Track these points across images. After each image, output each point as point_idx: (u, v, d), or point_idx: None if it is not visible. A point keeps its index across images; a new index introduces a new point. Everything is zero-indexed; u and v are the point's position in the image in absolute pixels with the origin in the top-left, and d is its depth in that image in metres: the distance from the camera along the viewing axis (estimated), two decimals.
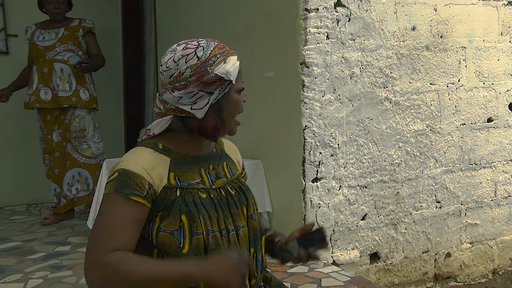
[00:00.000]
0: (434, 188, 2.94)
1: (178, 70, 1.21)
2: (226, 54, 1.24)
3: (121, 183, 1.15)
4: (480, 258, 3.14)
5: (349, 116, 2.65)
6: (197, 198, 1.21)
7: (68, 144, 3.63)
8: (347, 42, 2.62)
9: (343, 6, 2.61)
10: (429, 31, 2.88)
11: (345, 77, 2.63)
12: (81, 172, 3.63)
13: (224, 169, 1.34)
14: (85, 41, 3.75)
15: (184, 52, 1.22)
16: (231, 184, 1.32)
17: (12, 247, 3.03)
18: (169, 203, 1.18)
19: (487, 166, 3.12)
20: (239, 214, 1.27)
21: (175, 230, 1.16)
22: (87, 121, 3.67)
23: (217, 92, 1.22)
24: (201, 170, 1.27)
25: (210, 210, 1.21)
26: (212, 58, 1.22)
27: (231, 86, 1.24)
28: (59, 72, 3.60)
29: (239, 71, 1.26)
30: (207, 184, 1.26)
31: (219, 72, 1.21)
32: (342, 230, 2.65)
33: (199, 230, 1.18)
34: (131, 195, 1.14)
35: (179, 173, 1.23)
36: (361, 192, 2.71)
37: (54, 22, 3.71)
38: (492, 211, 3.16)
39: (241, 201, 1.30)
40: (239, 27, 3.05)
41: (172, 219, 1.17)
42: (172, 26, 3.94)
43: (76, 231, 3.39)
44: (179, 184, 1.21)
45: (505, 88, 3.17)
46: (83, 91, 3.65)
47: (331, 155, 2.61)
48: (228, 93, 1.24)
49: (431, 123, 2.91)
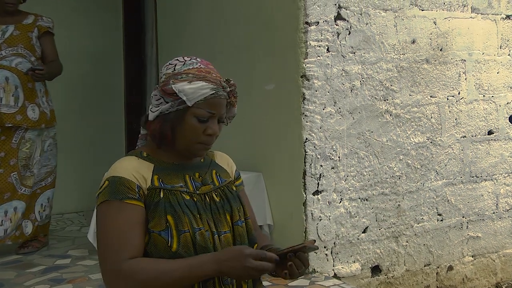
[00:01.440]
0: (435, 201, 2.93)
1: (161, 74, 1.34)
2: (198, 77, 1.26)
3: (113, 189, 1.21)
4: (483, 272, 3.12)
5: (350, 128, 2.65)
6: (180, 199, 1.25)
7: (14, 174, 2.95)
8: (347, 55, 2.64)
9: (343, 19, 2.62)
10: (429, 44, 2.90)
11: (345, 90, 2.63)
12: (17, 206, 2.96)
13: (213, 176, 1.37)
14: (40, 44, 3.05)
15: (172, 62, 1.33)
16: (217, 191, 1.34)
17: (12, 260, 3.01)
18: (153, 204, 1.23)
19: (488, 179, 3.12)
20: (222, 221, 1.30)
21: (162, 230, 1.21)
22: (36, 144, 3.03)
23: (169, 104, 1.27)
24: (186, 176, 1.31)
25: (193, 210, 1.25)
26: (182, 74, 1.27)
27: (187, 108, 1.26)
28: (2, 82, 2.88)
29: (206, 99, 1.25)
30: (190, 188, 1.29)
31: (175, 87, 1.25)
32: (343, 243, 2.64)
33: (186, 228, 1.22)
34: (126, 198, 1.21)
35: (162, 176, 1.28)
36: (362, 204, 2.70)
37: (2, 15, 2.99)
38: (494, 224, 3.15)
39: (225, 208, 1.32)
40: (239, 40, 3.07)
41: (158, 220, 1.21)
42: (173, 39, 3.97)
43: (76, 243, 3.38)
44: (163, 185, 1.26)
45: (505, 100, 3.17)
46: (32, 108, 2.96)
47: (332, 168, 2.61)
48: (182, 113, 1.26)
49: (432, 136, 2.91)
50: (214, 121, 1.29)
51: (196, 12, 3.59)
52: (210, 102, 1.27)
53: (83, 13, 4.65)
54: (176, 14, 3.94)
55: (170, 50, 3.99)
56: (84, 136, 4.67)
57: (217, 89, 1.27)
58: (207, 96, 1.26)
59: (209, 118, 1.28)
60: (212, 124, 1.28)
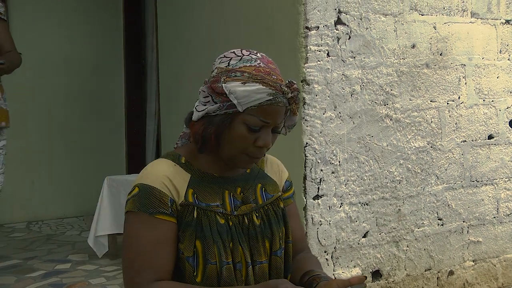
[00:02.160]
0: (436, 205, 2.93)
1: (213, 67, 1.16)
2: (254, 78, 1.08)
3: (143, 201, 1.07)
4: (484, 276, 3.11)
5: (350, 133, 2.65)
6: (213, 223, 1.09)
7: None
8: (347, 60, 2.64)
9: (343, 24, 2.63)
10: (428, 49, 2.90)
11: (345, 94, 2.64)
12: None
13: (257, 192, 1.19)
14: None
15: (226, 54, 1.15)
16: (259, 211, 1.16)
17: (12, 265, 3.01)
18: (185, 223, 1.09)
19: (488, 183, 3.12)
20: (259, 249, 1.13)
21: (190, 257, 1.08)
22: None
23: (218, 105, 1.09)
24: (225, 193, 1.15)
25: (225, 239, 1.09)
26: (237, 72, 1.09)
27: (237, 113, 1.08)
28: None
29: (260, 106, 1.07)
30: (228, 209, 1.13)
31: (226, 87, 1.07)
32: (343, 247, 2.64)
33: (213, 260, 1.08)
34: (156, 213, 1.07)
35: (198, 191, 1.12)
36: (363, 209, 2.70)
37: None
38: (495, 228, 3.15)
39: (264, 234, 1.15)
40: (240, 44, 3.06)
41: (187, 243, 1.08)
42: (174, 43, 3.97)
43: (76, 248, 3.38)
44: (197, 203, 1.10)
45: (505, 105, 3.18)
46: None
47: (332, 172, 2.61)
48: (231, 118, 1.09)
49: (432, 140, 2.91)
50: (268, 131, 1.12)
51: (196, 16, 3.60)
52: (265, 109, 1.08)
53: (83, 18, 4.66)
54: (177, 19, 3.95)
55: (170, 54, 4.00)
56: (84, 141, 4.68)
57: (275, 94, 1.08)
58: (262, 102, 1.07)
59: (261, 128, 1.10)
60: (264, 134, 1.11)
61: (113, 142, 4.75)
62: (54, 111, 4.55)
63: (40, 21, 4.47)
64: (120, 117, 4.85)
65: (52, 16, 4.53)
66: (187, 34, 3.74)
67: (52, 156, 4.49)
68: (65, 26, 4.58)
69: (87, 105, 4.69)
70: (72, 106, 4.62)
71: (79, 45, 4.62)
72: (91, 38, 4.68)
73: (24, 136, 4.33)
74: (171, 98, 3.95)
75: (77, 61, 4.61)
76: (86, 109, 4.68)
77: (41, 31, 4.40)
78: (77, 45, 4.61)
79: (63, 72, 4.52)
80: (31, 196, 4.37)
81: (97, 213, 3.11)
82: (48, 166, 4.46)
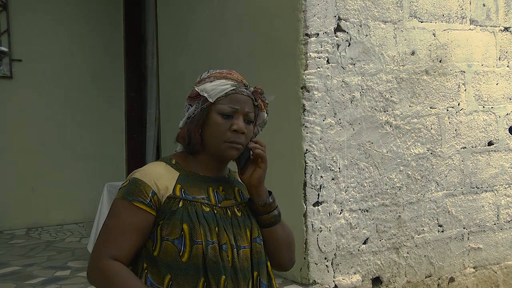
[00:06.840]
0: (436, 212, 2.92)
1: None
2: (218, 77, 1.30)
3: (129, 190, 1.24)
4: (485, 283, 3.10)
5: (350, 140, 2.65)
6: (199, 210, 1.25)
7: None
8: (347, 67, 2.65)
9: (343, 31, 2.64)
10: (428, 56, 2.91)
11: (345, 101, 2.64)
12: None
13: (235, 192, 1.36)
14: None
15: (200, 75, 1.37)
16: (239, 206, 1.33)
17: (11, 272, 3.00)
18: (170, 212, 1.23)
19: (488, 190, 3.11)
20: (242, 235, 1.29)
21: (176, 238, 1.21)
22: None
23: (194, 106, 1.30)
24: (209, 189, 1.31)
25: (210, 223, 1.24)
26: (206, 78, 1.31)
27: (210, 105, 1.28)
28: None
29: (227, 95, 1.28)
30: (212, 201, 1.29)
31: (197, 88, 1.30)
32: (343, 254, 2.63)
33: (199, 240, 1.21)
34: (135, 201, 1.22)
35: (185, 186, 1.28)
36: (363, 216, 2.69)
37: None
38: (495, 235, 3.14)
39: (246, 224, 1.31)
40: (240, 51, 3.09)
41: (173, 228, 1.21)
42: (174, 50, 3.99)
43: (76, 255, 3.37)
44: (184, 196, 1.26)
45: (505, 112, 3.18)
46: None
47: (332, 179, 2.61)
48: (207, 112, 1.28)
49: (432, 147, 2.92)
50: (239, 117, 1.28)
51: (197, 23, 3.61)
52: (232, 98, 1.28)
53: (84, 26, 4.68)
54: (177, 26, 3.97)
55: (171, 61, 4.01)
56: (84, 148, 4.68)
57: (237, 85, 1.29)
58: (227, 92, 1.28)
59: (233, 114, 1.28)
60: (237, 120, 1.28)
61: (113, 149, 4.75)
62: (54, 117, 4.55)
63: (40, 29, 4.49)
64: (120, 124, 4.85)
65: (52, 23, 4.55)
66: (187, 41, 3.76)
67: (51, 162, 4.49)
68: (66, 34, 4.60)
69: (87, 112, 4.69)
70: (72, 112, 4.63)
71: (79, 52, 4.64)
72: (92, 45, 4.70)
73: (24, 143, 4.33)
74: (171, 105, 3.96)
75: (78, 68, 4.62)
76: (86, 116, 4.69)
77: (42, 39, 4.42)
78: (78, 52, 4.63)
79: (64, 79, 4.54)
80: (30, 202, 4.36)
81: (97, 219, 3.11)
82: (48, 173, 4.46)
